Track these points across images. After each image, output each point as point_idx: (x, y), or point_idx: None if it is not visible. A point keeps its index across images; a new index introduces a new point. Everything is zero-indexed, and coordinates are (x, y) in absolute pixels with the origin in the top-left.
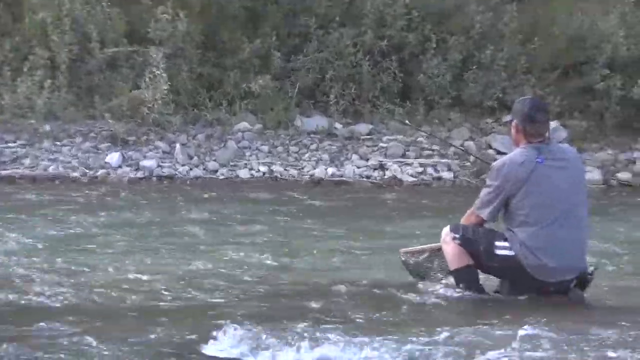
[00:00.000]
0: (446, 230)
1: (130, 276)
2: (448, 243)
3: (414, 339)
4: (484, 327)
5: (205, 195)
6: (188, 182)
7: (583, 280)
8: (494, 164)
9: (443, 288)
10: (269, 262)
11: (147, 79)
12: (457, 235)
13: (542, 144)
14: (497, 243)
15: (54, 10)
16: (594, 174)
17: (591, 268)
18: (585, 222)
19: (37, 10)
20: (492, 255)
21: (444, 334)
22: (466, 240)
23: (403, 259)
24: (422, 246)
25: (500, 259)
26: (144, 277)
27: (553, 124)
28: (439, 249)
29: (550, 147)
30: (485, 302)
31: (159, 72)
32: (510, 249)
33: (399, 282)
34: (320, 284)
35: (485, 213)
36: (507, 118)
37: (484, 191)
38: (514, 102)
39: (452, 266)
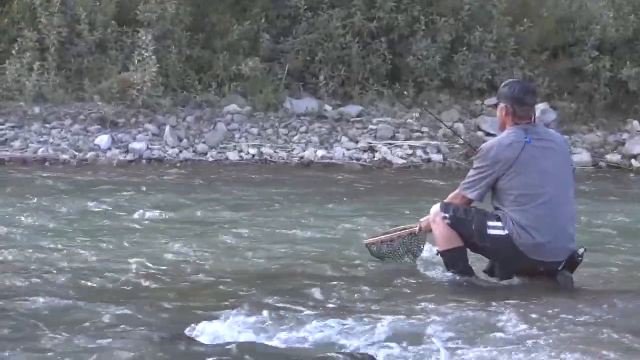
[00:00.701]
0: (435, 209)
1: (128, 261)
2: (438, 223)
3: (409, 321)
4: (474, 308)
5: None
6: (177, 165)
7: (572, 262)
8: (483, 145)
9: (435, 271)
10: (264, 246)
11: (136, 61)
12: (447, 215)
13: (529, 125)
14: (490, 223)
15: None
16: (583, 156)
17: (581, 250)
18: (573, 203)
19: None
20: (485, 235)
21: (436, 316)
22: (457, 220)
23: (374, 248)
24: (387, 235)
25: (493, 239)
26: (138, 262)
27: (542, 105)
28: (405, 235)
29: (537, 128)
30: (474, 284)
31: (147, 55)
32: (503, 228)
33: (394, 266)
34: (315, 268)
35: (473, 194)
36: (492, 101)
37: (472, 172)
38: (501, 85)
39: (442, 247)
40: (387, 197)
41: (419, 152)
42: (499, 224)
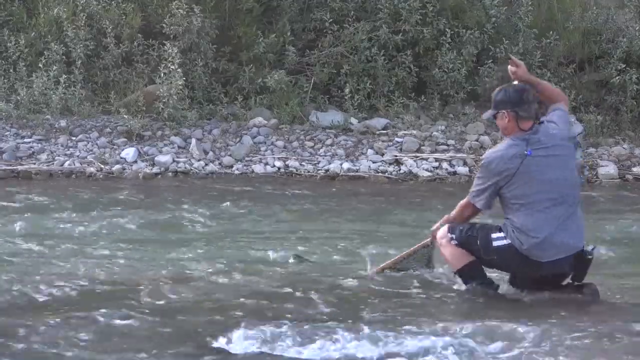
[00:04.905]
0: (443, 231)
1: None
2: (445, 245)
3: (421, 333)
4: (491, 322)
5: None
6: (203, 178)
7: (581, 261)
8: (485, 155)
9: (451, 282)
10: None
11: (162, 74)
12: (453, 236)
13: (531, 134)
14: (493, 235)
15: (69, 5)
16: (609, 169)
17: (589, 247)
18: (578, 203)
19: (51, 5)
20: (490, 248)
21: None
22: (463, 238)
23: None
24: (391, 260)
25: (498, 250)
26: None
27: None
28: (407, 255)
29: (539, 134)
30: (493, 297)
31: (174, 68)
32: (505, 238)
33: (406, 276)
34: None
35: (480, 203)
36: (488, 115)
37: (477, 181)
38: (494, 95)
39: (456, 267)
40: (411, 210)
41: (444, 164)
42: (501, 234)
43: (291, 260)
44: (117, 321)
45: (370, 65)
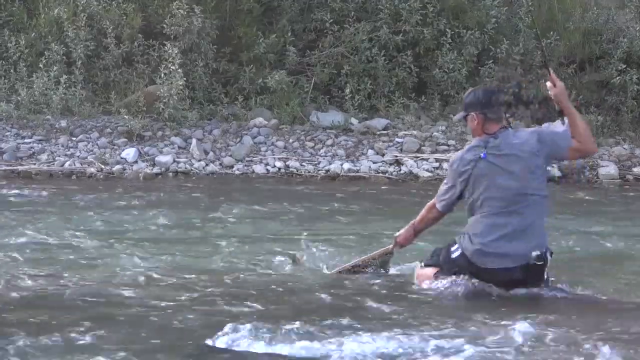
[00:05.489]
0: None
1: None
2: (419, 276)
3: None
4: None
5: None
6: (203, 178)
7: (532, 268)
8: (450, 159)
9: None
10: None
11: (162, 75)
12: (422, 264)
13: (492, 137)
14: (452, 248)
15: (70, 6)
16: (609, 169)
17: (534, 253)
18: (534, 211)
19: (52, 6)
20: (450, 260)
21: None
22: (430, 259)
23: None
24: (349, 264)
25: (455, 261)
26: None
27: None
28: (368, 259)
29: (500, 139)
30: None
31: (174, 68)
32: (459, 248)
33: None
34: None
35: (440, 204)
36: (459, 117)
37: (442, 184)
38: (464, 97)
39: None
40: (412, 211)
41: (445, 165)
42: (456, 245)
43: (291, 260)
44: (116, 320)
45: (370, 66)
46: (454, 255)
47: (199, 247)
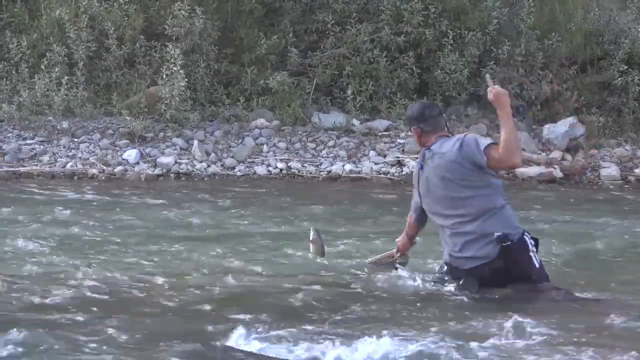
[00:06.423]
0: None
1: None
2: None
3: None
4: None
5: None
6: (205, 179)
7: (505, 254)
8: None
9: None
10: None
11: (164, 76)
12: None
13: (427, 149)
14: (440, 266)
15: (71, 7)
16: (611, 170)
17: (497, 234)
18: (480, 204)
19: (54, 7)
20: (443, 274)
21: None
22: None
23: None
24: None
25: (447, 274)
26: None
27: (570, 119)
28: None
29: (432, 150)
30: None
31: (176, 69)
32: (443, 260)
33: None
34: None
35: (411, 210)
36: (410, 133)
37: None
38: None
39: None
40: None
41: None
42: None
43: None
44: (118, 321)
45: (372, 67)
46: (444, 270)
47: (199, 247)
